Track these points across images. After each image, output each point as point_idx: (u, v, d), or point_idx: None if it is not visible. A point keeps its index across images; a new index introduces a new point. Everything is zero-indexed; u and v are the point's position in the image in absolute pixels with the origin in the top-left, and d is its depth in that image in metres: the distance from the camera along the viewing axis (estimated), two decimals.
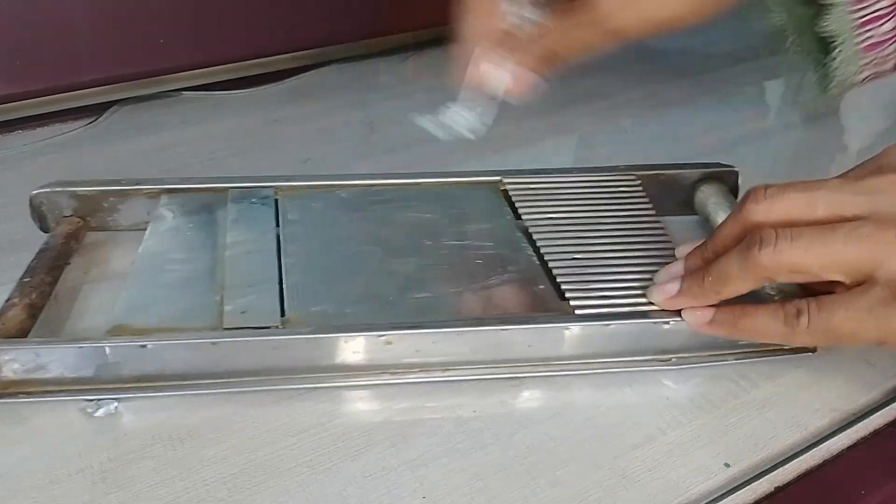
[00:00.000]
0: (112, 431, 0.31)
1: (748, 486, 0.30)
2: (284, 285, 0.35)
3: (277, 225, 0.39)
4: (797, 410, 0.33)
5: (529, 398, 0.33)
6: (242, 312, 0.33)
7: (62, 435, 0.31)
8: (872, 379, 0.35)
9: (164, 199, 0.41)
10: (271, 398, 0.33)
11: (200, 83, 0.58)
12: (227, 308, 0.34)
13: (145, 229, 0.39)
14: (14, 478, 0.29)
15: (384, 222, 0.40)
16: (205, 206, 0.41)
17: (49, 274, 0.36)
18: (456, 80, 0.37)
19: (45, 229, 0.40)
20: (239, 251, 0.37)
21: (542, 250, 0.38)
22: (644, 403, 0.33)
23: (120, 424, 0.31)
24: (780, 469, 0.31)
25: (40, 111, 0.54)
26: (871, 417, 0.33)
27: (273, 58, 0.60)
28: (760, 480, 0.30)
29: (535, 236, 0.39)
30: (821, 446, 0.32)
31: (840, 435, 0.32)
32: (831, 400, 0.34)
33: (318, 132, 0.54)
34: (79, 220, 0.40)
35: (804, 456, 0.31)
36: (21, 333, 0.33)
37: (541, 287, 0.36)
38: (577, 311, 0.34)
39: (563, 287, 0.36)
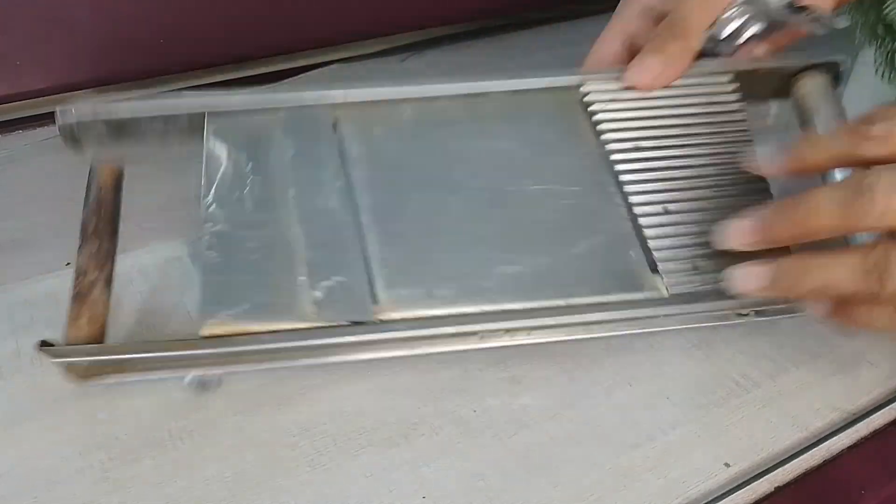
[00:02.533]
0: (112, 432, 0.31)
1: (748, 486, 0.30)
2: (369, 259, 0.33)
3: (342, 162, 0.36)
4: (797, 410, 0.33)
5: (530, 398, 0.33)
6: (333, 300, 0.32)
7: (63, 434, 0.31)
8: (872, 379, 0.35)
9: (209, 125, 0.36)
10: (272, 399, 0.33)
11: (201, 83, 0.58)
12: (316, 294, 0.32)
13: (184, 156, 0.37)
14: (15, 477, 0.29)
15: (458, 157, 0.36)
16: (258, 137, 0.36)
17: (110, 241, 0.34)
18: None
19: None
20: (311, 209, 0.34)
21: (631, 199, 0.36)
22: (644, 403, 0.33)
23: (119, 420, 0.31)
24: (780, 469, 0.31)
25: (40, 111, 0.54)
26: (871, 417, 0.33)
27: (272, 58, 0.60)
28: (760, 480, 0.30)
29: (621, 177, 0.36)
30: (821, 446, 0.32)
31: (840, 435, 0.32)
32: (831, 400, 0.34)
33: None
34: (118, 166, 0.36)
35: (804, 456, 0.32)
36: (104, 318, 0.32)
37: (631, 254, 0.35)
38: (671, 292, 0.34)
39: (656, 256, 0.34)
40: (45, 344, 0.31)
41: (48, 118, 0.54)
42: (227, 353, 0.31)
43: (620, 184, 0.36)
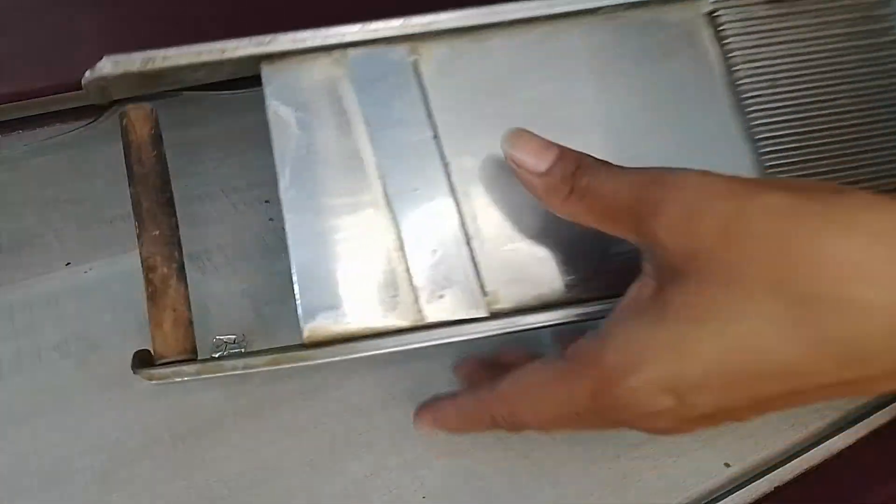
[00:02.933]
0: (112, 433, 0.31)
1: (748, 486, 0.30)
2: (472, 243, 0.30)
3: (429, 120, 0.31)
4: (798, 410, 0.33)
5: None
6: (440, 297, 0.29)
7: (62, 435, 0.31)
8: None
9: (265, 71, 0.31)
10: (272, 399, 0.33)
11: (200, 83, 0.58)
12: (420, 290, 0.29)
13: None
14: (15, 478, 0.29)
15: (561, 103, 0.31)
16: (328, 93, 0.31)
17: (168, 214, 0.30)
18: None
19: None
20: (400, 186, 0.30)
21: (762, 151, 0.30)
22: None
23: (119, 420, 0.31)
24: (781, 469, 0.31)
25: (39, 111, 0.54)
26: (872, 417, 0.33)
27: None
28: (760, 480, 0.30)
29: (752, 123, 0.31)
30: (821, 446, 0.32)
31: (840, 435, 0.32)
32: (832, 400, 0.34)
33: None
34: (149, 109, 0.32)
35: (804, 456, 0.31)
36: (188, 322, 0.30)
37: None
38: None
39: None
40: (139, 363, 0.29)
41: (47, 118, 0.54)
42: (334, 361, 0.29)
43: (751, 131, 0.31)
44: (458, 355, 0.33)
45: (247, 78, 0.61)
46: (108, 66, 0.30)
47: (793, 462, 0.31)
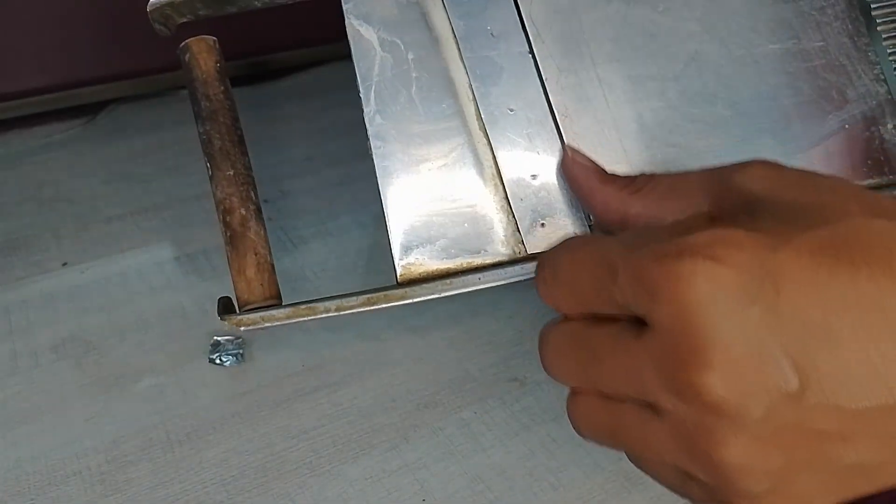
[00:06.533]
0: (110, 435, 0.31)
1: None
2: None
3: (523, 29, 0.29)
4: None
5: (532, 399, 0.33)
6: (541, 226, 0.28)
7: (60, 437, 0.31)
8: None
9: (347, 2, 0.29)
10: (271, 401, 0.32)
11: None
12: (519, 219, 0.27)
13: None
14: (12, 480, 0.29)
15: (663, 12, 0.28)
16: (412, 8, 0.29)
17: (240, 152, 0.28)
18: None
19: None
20: (494, 106, 0.28)
21: (890, 50, 0.29)
22: None
23: (116, 423, 0.31)
24: None
25: (37, 110, 0.54)
26: None
27: (272, 56, 0.60)
28: None
29: (878, 18, 0.29)
30: None
31: None
32: None
33: (318, 130, 0.54)
34: (211, 41, 0.30)
35: None
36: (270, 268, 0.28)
37: (888, 127, 0.28)
38: None
39: None
40: (224, 310, 0.28)
41: (45, 118, 0.54)
42: (429, 299, 0.27)
43: (874, 25, 0.29)
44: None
45: (245, 76, 0.61)
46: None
47: None
